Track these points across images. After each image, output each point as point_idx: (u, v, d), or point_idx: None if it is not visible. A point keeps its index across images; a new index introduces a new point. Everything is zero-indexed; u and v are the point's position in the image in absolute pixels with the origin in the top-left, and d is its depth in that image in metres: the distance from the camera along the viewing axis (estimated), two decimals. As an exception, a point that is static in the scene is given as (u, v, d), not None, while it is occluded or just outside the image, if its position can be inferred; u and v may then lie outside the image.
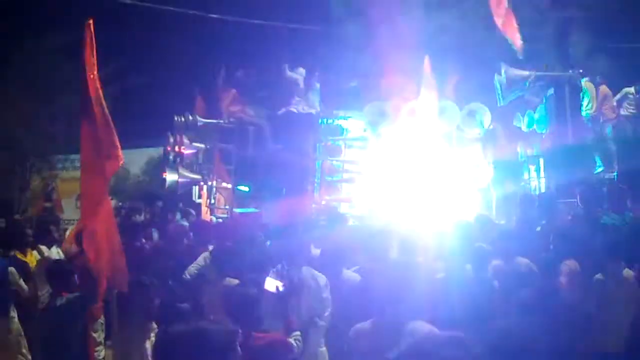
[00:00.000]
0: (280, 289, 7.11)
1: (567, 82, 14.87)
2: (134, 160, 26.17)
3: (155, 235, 12.79)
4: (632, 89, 16.76)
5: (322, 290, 8.02)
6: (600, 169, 15.72)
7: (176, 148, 16.43)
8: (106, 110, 7.88)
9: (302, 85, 16.05)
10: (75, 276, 7.95)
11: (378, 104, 16.00)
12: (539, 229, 10.04)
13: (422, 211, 12.82)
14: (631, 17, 18.45)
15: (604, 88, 16.25)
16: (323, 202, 14.95)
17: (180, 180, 15.68)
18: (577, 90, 15.30)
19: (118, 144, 7.84)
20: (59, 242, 11.49)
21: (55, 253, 10.81)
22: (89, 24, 7.84)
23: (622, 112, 16.63)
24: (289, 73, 16.01)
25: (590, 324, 7.50)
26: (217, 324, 4.86)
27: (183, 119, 15.97)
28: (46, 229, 11.32)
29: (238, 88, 16.37)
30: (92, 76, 7.78)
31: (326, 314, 7.98)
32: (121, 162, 8.01)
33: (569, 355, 6.38)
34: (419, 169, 15.14)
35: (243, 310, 6.21)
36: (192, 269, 9.36)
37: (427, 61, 14.45)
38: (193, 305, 7.63)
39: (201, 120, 16.02)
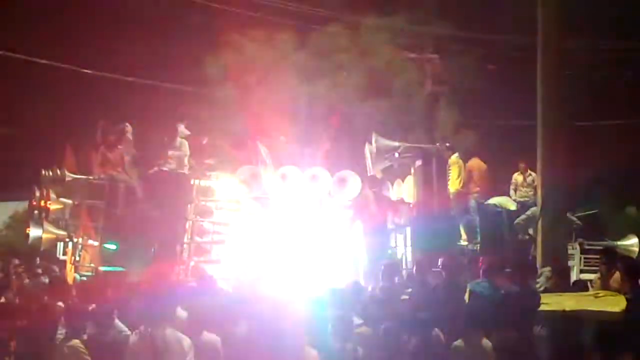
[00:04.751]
0: None
1: (435, 155, 15.38)
2: (-3, 214, 25.32)
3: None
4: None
5: (185, 353, 7.91)
6: (464, 241, 16.17)
7: (42, 202, 15.95)
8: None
9: (177, 144, 16.00)
10: None
11: (250, 167, 16.10)
12: (405, 297, 10.24)
13: (292, 276, 12.87)
14: (499, 95, 19.32)
15: (471, 163, 16.77)
16: (192, 264, 14.80)
17: (44, 236, 15.23)
18: (443, 162, 15.83)
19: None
20: None
21: None
22: None
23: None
24: (181, 130, 16.00)
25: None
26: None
27: (51, 173, 15.59)
28: None
29: (112, 144, 16.15)
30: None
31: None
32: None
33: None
34: (290, 234, 15.25)
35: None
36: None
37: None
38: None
39: (70, 175, 15.68)
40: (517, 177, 16.80)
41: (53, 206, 15.96)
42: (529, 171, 16.34)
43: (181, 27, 19.22)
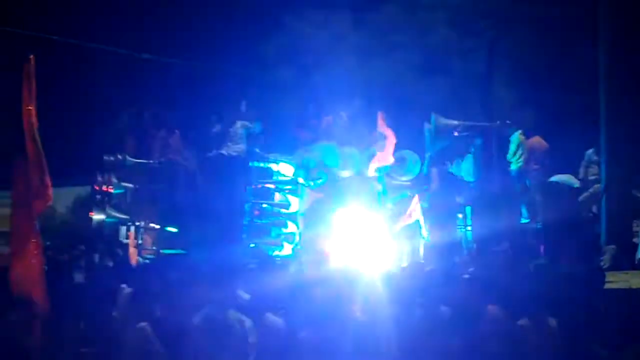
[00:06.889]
0: None
1: (495, 133, 15.18)
2: (60, 198, 25.67)
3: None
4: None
5: (248, 334, 7.95)
6: (525, 220, 15.94)
7: (104, 187, 16.17)
8: (40, 147, 7.78)
9: (234, 127, 16.04)
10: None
11: (310, 148, 16.09)
12: (467, 276, 10.13)
13: (353, 256, 12.86)
14: (560, 70, 18.96)
15: (533, 140, 16.51)
16: (252, 245, 14.87)
17: (107, 219, 15.46)
18: (504, 140, 15.62)
19: (49, 182, 7.71)
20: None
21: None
22: (31, 58, 7.84)
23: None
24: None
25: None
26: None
27: (112, 158, 15.78)
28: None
29: (169, 128, 16.29)
30: (28, 109, 7.72)
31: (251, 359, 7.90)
32: (50, 202, 7.87)
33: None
34: (349, 214, 15.22)
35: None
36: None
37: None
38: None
39: (130, 160, 15.85)
40: (591, 155, 16.31)
41: (115, 190, 16.17)
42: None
43: (237, 9, 19.27)
